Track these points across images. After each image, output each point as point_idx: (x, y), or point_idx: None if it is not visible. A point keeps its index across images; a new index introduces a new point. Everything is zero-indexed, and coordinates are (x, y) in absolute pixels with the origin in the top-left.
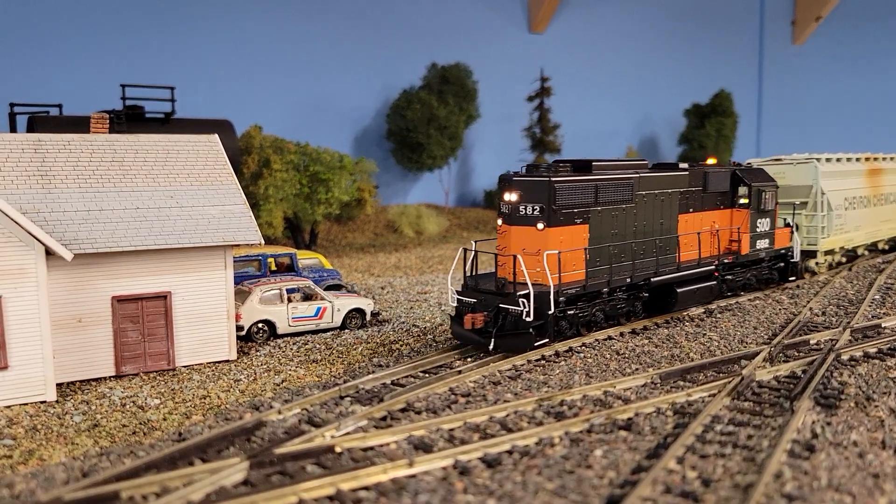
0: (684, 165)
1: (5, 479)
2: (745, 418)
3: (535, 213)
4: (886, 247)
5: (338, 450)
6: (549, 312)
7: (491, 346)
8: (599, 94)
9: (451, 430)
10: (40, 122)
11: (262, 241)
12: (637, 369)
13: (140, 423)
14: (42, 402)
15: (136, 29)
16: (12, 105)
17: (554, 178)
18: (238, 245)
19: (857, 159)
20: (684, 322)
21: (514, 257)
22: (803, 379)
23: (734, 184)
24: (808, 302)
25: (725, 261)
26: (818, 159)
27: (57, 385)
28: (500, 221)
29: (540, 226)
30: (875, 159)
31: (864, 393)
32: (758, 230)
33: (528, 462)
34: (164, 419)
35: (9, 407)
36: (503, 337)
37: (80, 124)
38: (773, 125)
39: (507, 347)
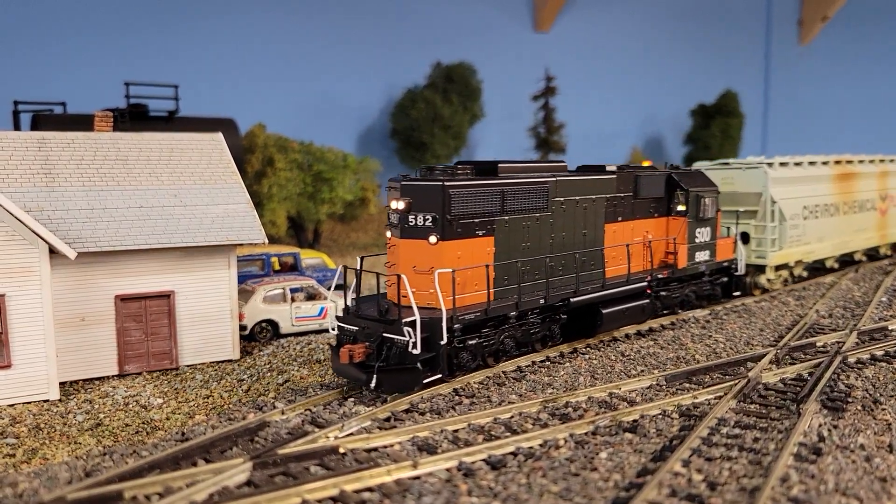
0: (612, 168)
1: (8, 479)
2: (751, 421)
3: (426, 223)
4: (864, 258)
5: (341, 451)
6: (442, 343)
7: (373, 384)
8: (604, 93)
9: (456, 431)
10: (44, 121)
11: (266, 241)
12: (642, 371)
13: (143, 423)
14: (45, 401)
15: (140, 27)
16: (16, 103)
17: (449, 183)
18: (241, 244)
19: (824, 163)
20: (690, 324)
21: (399, 277)
22: (810, 381)
23: (670, 189)
24: (815, 304)
25: (660, 276)
26: (769, 164)
27: (60, 384)
28: (388, 234)
29: (433, 239)
30: (848, 162)
31: (872, 396)
32: (697, 241)
33: (533, 464)
34: (167, 419)
35: (12, 406)
36: (387, 372)
37: (83, 122)
38: (780, 125)
39: (390, 386)
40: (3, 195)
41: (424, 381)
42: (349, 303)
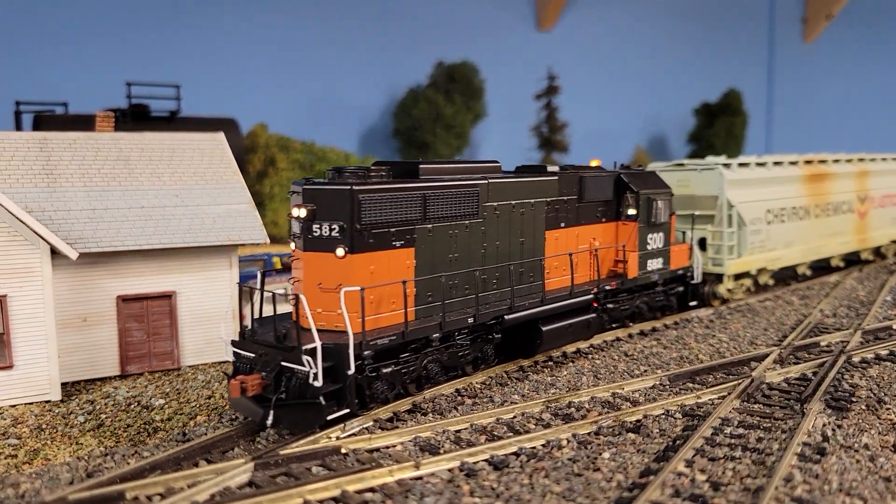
0: (553, 169)
1: (10, 479)
2: (754, 421)
3: (333, 234)
4: (841, 264)
5: (343, 451)
6: (349, 373)
7: (269, 422)
8: (607, 92)
9: (458, 431)
10: (46, 121)
11: (268, 241)
12: (646, 371)
13: (145, 423)
14: (47, 402)
15: (142, 27)
16: (18, 103)
17: (359, 187)
18: (243, 244)
19: (793, 163)
20: (693, 323)
21: (297, 297)
22: (814, 381)
23: (619, 191)
24: (819, 303)
25: (608, 287)
26: (726, 165)
27: (62, 384)
28: (292, 245)
29: (340, 252)
30: (821, 162)
31: (876, 395)
32: (649, 248)
33: (536, 464)
34: (169, 419)
35: (14, 406)
36: (286, 407)
37: (85, 123)
38: (784, 124)
39: (289, 423)
40: (4, 195)
41: (329, 418)
42: (249, 324)
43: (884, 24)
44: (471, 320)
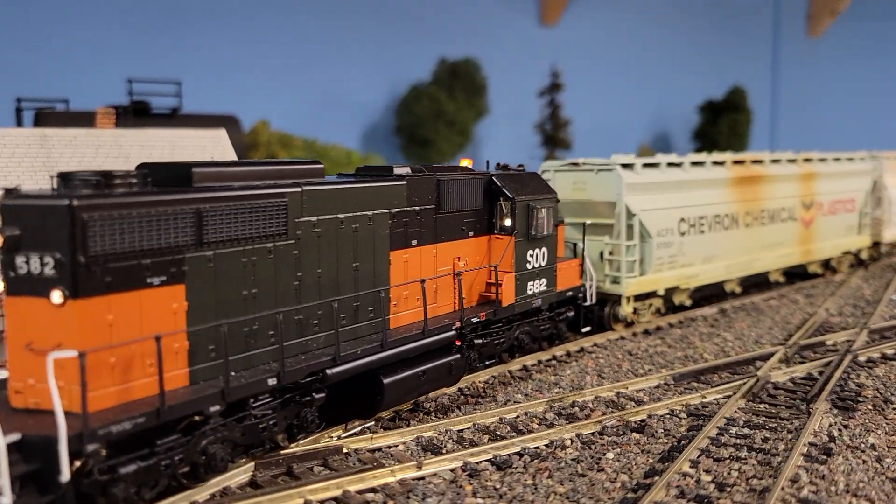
0: (403, 171)
1: None
2: (760, 421)
3: (46, 270)
4: (782, 279)
5: (345, 451)
6: (62, 480)
7: None
8: (612, 89)
9: (461, 431)
10: (47, 118)
11: None
12: (650, 370)
13: None
14: None
15: (143, 24)
16: (19, 100)
17: (83, 202)
18: None
19: (717, 163)
20: (698, 322)
21: None
22: (820, 380)
23: (491, 198)
24: (825, 302)
25: (475, 319)
26: (627, 165)
27: None
28: None
29: (56, 297)
30: (755, 162)
31: (882, 395)
32: (529, 267)
33: (539, 465)
34: None
35: None
36: None
37: (86, 119)
38: (789, 121)
39: None
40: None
41: None
42: None
43: (890, 20)
44: (273, 381)
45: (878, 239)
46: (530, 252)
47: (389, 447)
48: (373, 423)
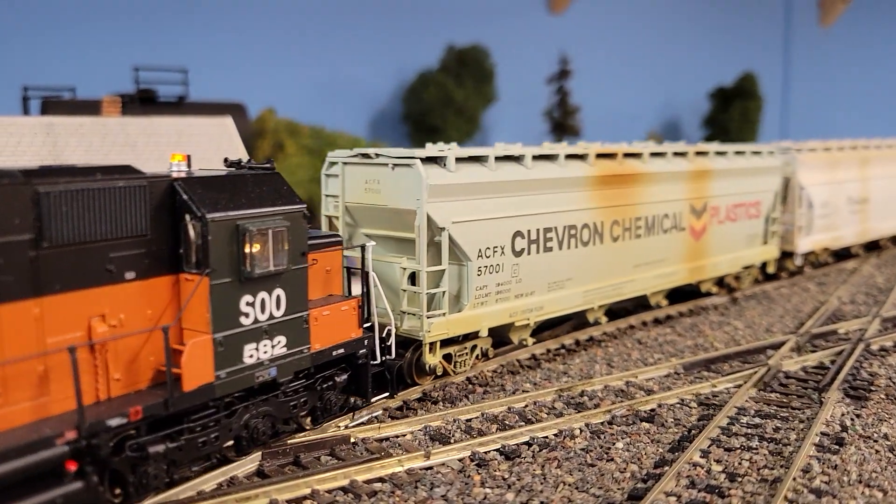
0: None
1: None
2: (771, 410)
3: None
4: (664, 302)
5: (352, 440)
6: None
7: None
8: (621, 76)
9: (469, 420)
10: (53, 106)
11: None
12: (660, 359)
13: None
14: None
15: (149, 11)
16: (26, 88)
17: None
18: None
19: (571, 156)
20: (708, 311)
21: None
22: (832, 369)
23: (174, 216)
24: (836, 290)
25: (116, 421)
26: (433, 158)
27: None
28: None
29: None
30: (627, 156)
31: (895, 384)
32: (246, 322)
33: (548, 454)
34: None
35: None
36: None
37: (92, 108)
38: (800, 108)
39: None
40: None
41: None
42: None
43: None
44: None
45: (789, 248)
46: (247, 299)
47: (397, 437)
48: (380, 412)
